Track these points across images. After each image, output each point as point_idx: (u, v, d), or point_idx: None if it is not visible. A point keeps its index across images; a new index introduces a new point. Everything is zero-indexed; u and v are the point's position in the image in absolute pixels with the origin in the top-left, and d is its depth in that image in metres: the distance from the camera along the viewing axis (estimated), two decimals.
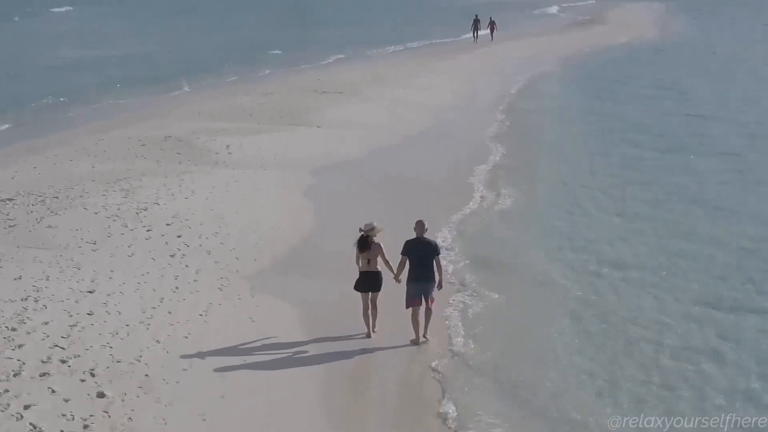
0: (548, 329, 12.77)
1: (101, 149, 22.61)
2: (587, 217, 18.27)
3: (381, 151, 23.33)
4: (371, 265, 12.06)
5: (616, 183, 20.88)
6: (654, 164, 22.56)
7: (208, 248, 15.27)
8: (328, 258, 15.07)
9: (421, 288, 11.98)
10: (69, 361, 10.90)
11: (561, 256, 15.78)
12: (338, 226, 16.30)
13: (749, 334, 12.73)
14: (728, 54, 46.75)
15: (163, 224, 16.32)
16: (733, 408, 10.63)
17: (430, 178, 20.89)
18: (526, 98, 32.67)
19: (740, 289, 14.31)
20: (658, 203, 19.24)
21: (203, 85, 36.00)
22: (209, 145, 23.04)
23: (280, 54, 45.84)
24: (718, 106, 31.22)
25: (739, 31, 60.89)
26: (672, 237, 16.85)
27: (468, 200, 19.12)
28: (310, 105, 29.43)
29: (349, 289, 12.46)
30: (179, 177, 19.71)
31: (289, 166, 21.41)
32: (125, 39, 53.61)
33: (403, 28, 61.20)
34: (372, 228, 12.04)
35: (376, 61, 43.02)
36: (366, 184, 20.04)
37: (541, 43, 51.36)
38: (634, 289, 14.28)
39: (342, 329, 12.61)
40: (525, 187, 20.47)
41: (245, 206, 17.84)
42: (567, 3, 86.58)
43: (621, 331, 12.67)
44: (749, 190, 20.39)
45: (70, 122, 28.25)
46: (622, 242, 16.53)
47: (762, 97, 33.79)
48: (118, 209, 17.08)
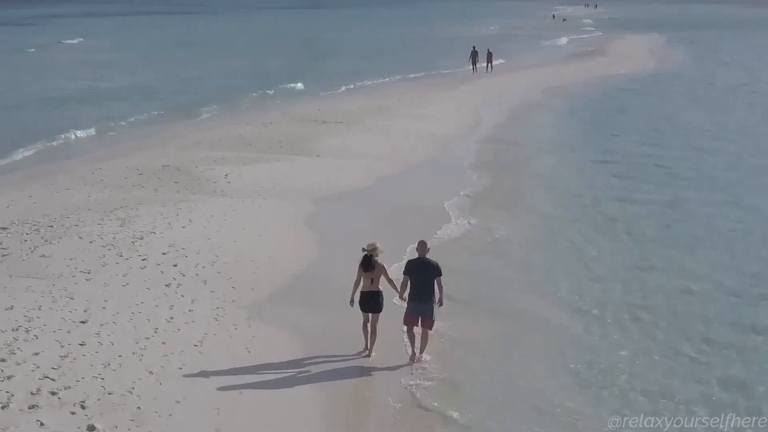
0: (540, 362, 12.54)
1: (98, 178, 22.42)
2: (584, 251, 17.65)
3: (382, 181, 23.10)
4: (374, 284, 12.16)
5: (614, 216, 20.26)
6: (650, 197, 21.95)
7: (204, 278, 14.98)
8: (328, 287, 14.75)
9: (421, 307, 12.06)
10: (59, 393, 10.60)
11: (561, 292, 15.29)
12: (339, 255, 16.15)
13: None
14: (727, 85, 46.77)
15: (159, 253, 16.06)
16: (733, 408, 10.84)
17: (429, 206, 20.57)
18: (525, 129, 32.47)
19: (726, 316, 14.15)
20: (647, 236, 18.69)
21: (204, 115, 36.01)
22: (208, 174, 22.84)
23: (281, 85, 45.90)
24: (715, 137, 30.96)
25: (738, 62, 61.03)
26: (663, 272, 16.30)
27: (456, 227, 18.89)
28: (309, 134, 29.30)
29: (349, 315, 12.27)
30: (176, 206, 19.48)
31: (289, 195, 21.17)
32: (129, 70, 54.91)
33: (404, 60, 61.37)
34: (374, 248, 12.15)
35: (376, 92, 43.03)
36: (367, 214, 19.73)
37: (543, 73, 51.43)
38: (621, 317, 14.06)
39: (340, 358, 12.36)
40: (518, 217, 20.11)
41: (243, 235, 17.58)
42: (576, 35, 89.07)
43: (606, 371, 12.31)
44: (745, 221, 19.95)
45: (69, 151, 28.19)
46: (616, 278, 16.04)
47: (759, 128, 33.61)
48: (114, 238, 16.82)
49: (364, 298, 12.20)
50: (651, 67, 56.78)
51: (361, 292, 12.20)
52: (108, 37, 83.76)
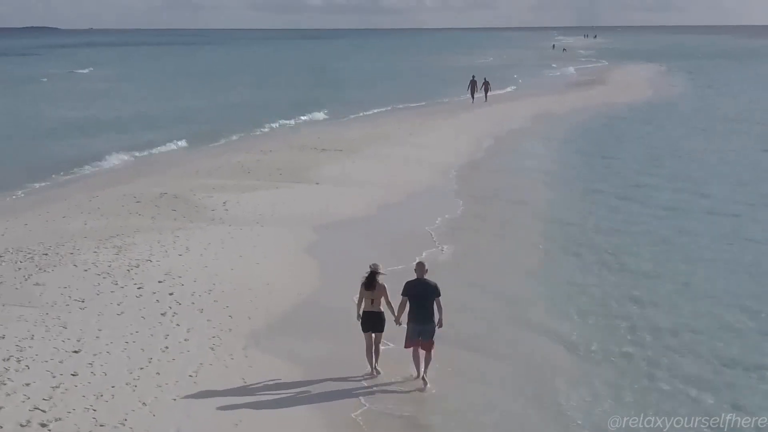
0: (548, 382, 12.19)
1: (95, 206, 22.19)
2: (576, 282, 16.98)
3: (382, 209, 22.80)
4: (374, 305, 12.21)
5: (605, 246, 19.56)
6: (644, 228, 21.39)
7: (200, 306, 14.68)
8: (329, 315, 14.49)
9: (421, 328, 12.05)
10: (49, 425, 10.29)
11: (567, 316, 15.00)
12: (340, 282, 15.81)
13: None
14: (727, 114, 46.66)
15: (155, 282, 15.77)
16: (734, 408, 10.86)
17: (428, 233, 20.31)
18: (522, 157, 32.28)
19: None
20: (641, 269, 17.92)
21: (204, 143, 35.95)
22: (205, 202, 22.61)
23: (283, 113, 45.99)
24: (711, 166, 30.62)
25: (736, 91, 61.07)
26: (656, 306, 15.58)
27: (448, 255, 18.62)
28: (309, 162, 29.14)
29: (352, 343, 12.04)
30: (173, 234, 19.23)
31: (288, 222, 20.90)
32: (135, 98, 57.34)
33: (403, 88, 61.58)
34: (377, 267, 12.30)
35: (376, 120, 43.06)
36: (367, 241, 19.42)
37: (543, 102, 51.50)
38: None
39: (342, 382, 12.11)
40: (509, 246, 19.76)
41: (241, 263, 17.30)
42: (577, 65, 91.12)
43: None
44: (744, 254, 19.23)
45: (67, 179, 27.99)
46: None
47: (758, 156, 33.40)
48: (109, 266, 16.54)
49: (365, 318, 12.27)
50: (649, 95, 56.87)
51: (363, 312, 12.28)
52: (119, 66, 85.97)
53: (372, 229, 20.66)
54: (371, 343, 12.34)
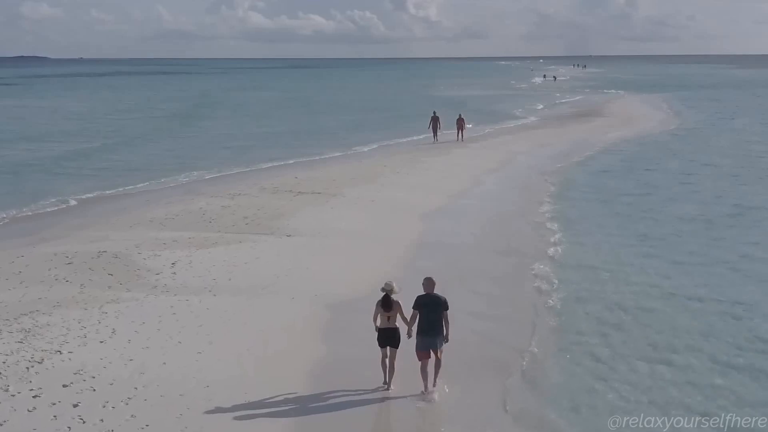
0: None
1: (16, 270, 18.43)
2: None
3: (364, 268, 19.02)
4: (390, 321, 12.57)
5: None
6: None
7: (110, 426, 10.91)
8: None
9: (430, 341, 12.35)
10: None
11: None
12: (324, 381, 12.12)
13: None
14: (729, 145, 43.96)
15: (59, 386, 11.99)
16: (734, 408, 11.07)
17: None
18: (517, 199, 28.62)
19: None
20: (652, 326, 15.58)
21: (166, 184, 32.32)
22: (150, 263, 18.88)
23: (256, 151, 42.48)
24: (715, 204, 27.94)
25: (740, 122, 58.27)
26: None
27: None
28: (282, 209, 25.51)
29: None
30: (101, 309, 15.50)
31: (244, 290, 17.16)
32: (96, 131, 51.94)
33: (390, 123, 58.29)
34: (391, 288, 12.51)
35: (359, 159, 39.36)
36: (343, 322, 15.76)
37: (537, 136, 48.38)
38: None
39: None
40: (508, 300, 16.44)
41: (177, 353, 13.50)
42: (587, 96, 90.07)
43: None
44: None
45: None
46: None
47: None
48: (4, 362, 12.76)
49: (382, 334, 12.62)
50: (650, 128, 53.90)
51: (379, 329, 12.60)
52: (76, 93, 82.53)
53: (360, 307, 16.90)
54: (386, 355, 12.61)
